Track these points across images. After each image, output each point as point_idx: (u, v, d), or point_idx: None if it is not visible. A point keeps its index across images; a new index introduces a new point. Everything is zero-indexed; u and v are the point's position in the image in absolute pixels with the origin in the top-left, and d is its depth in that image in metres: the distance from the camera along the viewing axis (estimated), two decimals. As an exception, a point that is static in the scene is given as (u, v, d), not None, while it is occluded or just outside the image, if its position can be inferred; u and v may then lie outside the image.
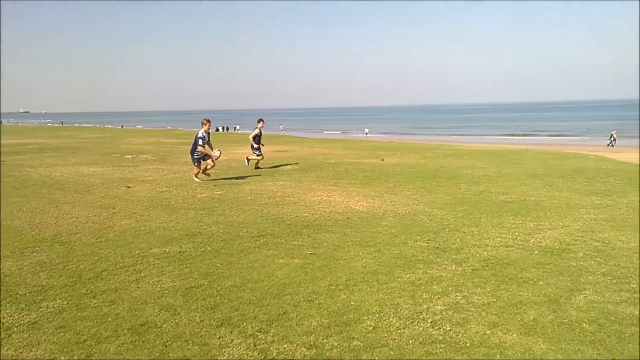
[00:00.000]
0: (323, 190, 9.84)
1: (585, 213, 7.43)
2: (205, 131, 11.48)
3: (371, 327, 3.74)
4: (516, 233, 6.37)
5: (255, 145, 14.41)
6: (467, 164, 14.60)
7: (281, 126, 69.60)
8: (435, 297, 4.32)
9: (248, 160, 14.67)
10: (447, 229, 6.64)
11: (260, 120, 15.02)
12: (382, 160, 15.97)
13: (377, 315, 3.95)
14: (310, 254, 5.60)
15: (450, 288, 4.51)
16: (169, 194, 9.49)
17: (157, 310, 4.05)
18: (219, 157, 11.71)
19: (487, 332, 3.62)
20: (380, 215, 7.56)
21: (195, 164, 11.49)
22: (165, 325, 3.78)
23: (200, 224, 7.04)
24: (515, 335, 3.57)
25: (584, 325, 3.68)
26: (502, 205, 8.16)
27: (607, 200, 8.35)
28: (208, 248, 5.83)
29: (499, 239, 6.10)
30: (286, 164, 14.89)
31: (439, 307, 4.09)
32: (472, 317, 3.88)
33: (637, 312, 3.84)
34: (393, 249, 5.78)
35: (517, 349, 3.35)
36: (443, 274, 4.90)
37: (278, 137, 35.89)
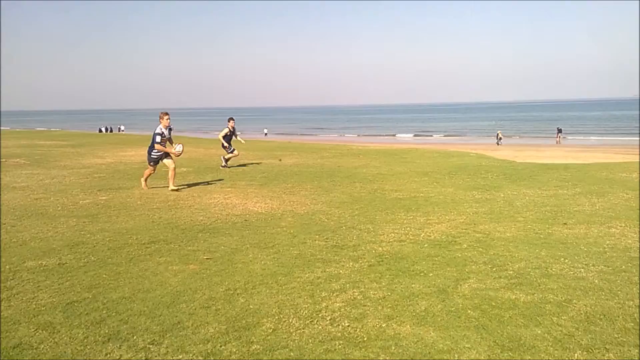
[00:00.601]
0: (220, 193, 9.59)
1: (468, 207, 8.01)
2: (165, 127, 10.12)
3: (271, 330, 3.68)
4: (408, 228, 6.68)
5: (226, 144, 14.14)
6: (362, 163, 15.12)
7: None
8: (334, 294, 4.36)
9: (226, 160, 14.23)
10: (344, 227, 6.78)
11: (231, 119, 14.78)
12: (280, 160, 15.98)
13: (276, 317, 3.89)
14: (207, 258, 5.40)
15: (348, 285, 4.58)
16: (46, 201, 8.64)
17: (32, 330, 3.62)
18: (181, 152, 10.44)
19: (383, 325, 3.72)
20: (279, 216, 7.52)
21: (151, 164, 10.22)
22: (42, 346, 3.39)
23: (82, 232, 6.48)
24: (408, 326, 3.71)
25: (469, 311, 3.92)
26: (395, 202, 8.53)
27: (487, 195, 9.09)
28: (92, 258, 5.37)
29: (393, 235, 6.35)
30: (179, 167, 14.30)
31: (338, 304, 4.14)
32: (368, 312, 3.97)
33: (514, 297, 4.19)
34: (292, 249, 5.77)
35: (411, 339, 3.48)
36: (341, 271, 4.98)
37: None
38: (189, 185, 10.64)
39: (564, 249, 5.51)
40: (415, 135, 60.62)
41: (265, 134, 59.16)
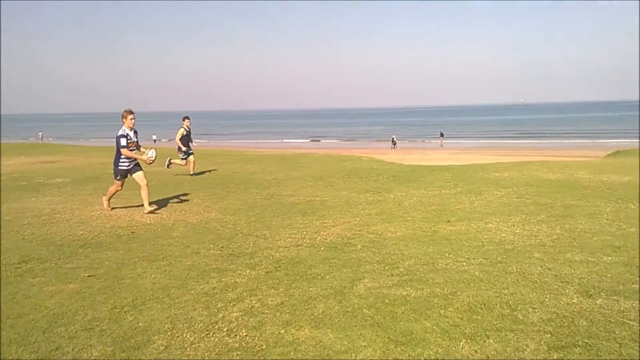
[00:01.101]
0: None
1: (362, 209, 8.27)
2: (129, 127, 8.12)
3: (163, 347, 3.46)
4: (304, 232, 6.72)
5: (184, 148, 12.87)
6: (257, 168, 15.00)
7: (40, 133, 61.46)
8: (231, 304, 4.24)
9: (170, 163, 13.13)
10: (240, 235, 6.64)
11: (186, 117, 13.30)
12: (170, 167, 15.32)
13: (169, 333, 3.68)
14: (89, 276, 4.96)
15: (245, 293, 4.48)
16: None
17: None
18: (153, 159, 8.37)
19: (282, 332, 3.68)
20: (170, 227, 7.17)
21: (118, 178, 8.20)
22: None
23: (-63, 254, 5.64)
24: (307, 330, 3.70)
25: (364, 310, 4.02)
26: (291, 207, 8.56)
27: (378, 197, 9.46)
28: (-51, 284, 4.69)
29: (290, 239, 6.35)
30: (55, 177, 13.10)
31: (235, 314, 4.02)
32: (267, 319, 3.91)
33: (405, 293, 4.37)
34: (185, 260, 5.52)
35: (309, 343, 3.48)
36: (238, 279, 4.86)
37: (40, 146, 31.65)
38: (66, 198, 9.76)
39: (448, 245, 5.88)
40: (312, 140, 61.81)
41: (155, 140, 56.44)
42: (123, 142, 8.06)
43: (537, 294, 4.21)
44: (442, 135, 51.72)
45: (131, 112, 8.17)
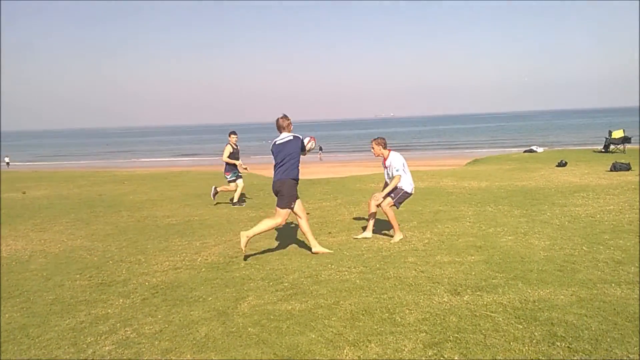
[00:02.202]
0: (-57, 237, 7.69)
1: (244, 226, 8.13)
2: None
3: (19, 396, 3.03)
4: (184, 254, 6.42)
5: (230, 166, 10.38)
6: (128, 189, 14.09)
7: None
8: (102, 337, 3.87)
9: (216, 192, 10.56)
10: (111, 262, 6.14)
11: (233, 132, 10.81)
12: (24, 193, 13.78)
13: (27, 379, 3.24)
14: None
15: (118, 324, 4.12)
16: None
17: None
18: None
19: (161, 361, 3.44)
20: (27, 259, 6.41)
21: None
22: None
23: None
24: (189, 355, 3.50)
25: (249, 329, 3.92)
26: (168, 229, 8.14)
27: (260, 212, 9.40)
28: None
29: (167, 263, 6.02)
30: None
31: (107, 348, 3.68)
32: (144, 349, 3.63)
33: (290, 307, 4.36)
34: (46, 294, 4.95)
35: (192, 370, 3.29)
36: (110, 310, 4.46)
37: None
38: None
39: (330, 256, 6.01)
40: (194, 156, 59.53)
41: (7, 164, 50.17)
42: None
43: (413, 296, 4.45)
44: (320, 149, 53.38)
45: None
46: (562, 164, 15.79)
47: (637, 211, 7.59)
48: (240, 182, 10.62)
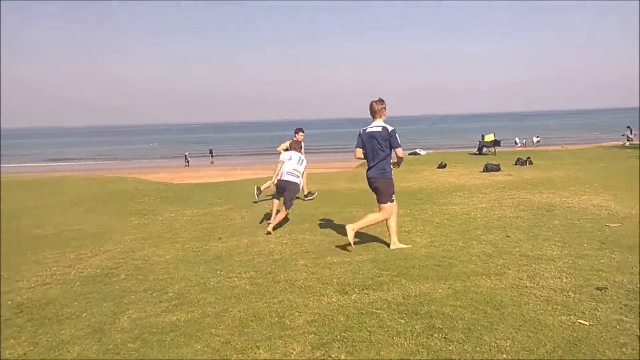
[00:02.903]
0: None
1: (125, 234, 7.63)
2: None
3: None
4: (55, 268, 5.85)
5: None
6: (-6, 199, 12.56)
7: None
8: (-51, 369, 3.36)
9: (259, 192, 10.09)
10: (-35, 280, 5.39)
11: (300, 130, 10.12)
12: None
13: None
14: None
15: (-30, 352, 3.61)
16: None
17: None
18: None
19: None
20: None
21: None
22: None
23: None
24: (56, 381, 3.17)
25: (129, 344, 3.65)
26: (38, 240, 7.38)
27: (145, 220, 8.88)
28: None
29: (35, 279, 5.43)
30: None
31: (-46, 382, 3.20)
32: (1, 379, 3.21)
33: (175, 318, 4.13)
34: None
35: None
36: (-40, 336, 3.90)
37: None
38: None
39: (220, 262, 5.83)
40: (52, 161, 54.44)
41: None
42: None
43: (303, 298, 4.45)
44: (211, 152, 52.35)
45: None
46: (442, 166, 16.97)
47: (504, 208, 8.36)
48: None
